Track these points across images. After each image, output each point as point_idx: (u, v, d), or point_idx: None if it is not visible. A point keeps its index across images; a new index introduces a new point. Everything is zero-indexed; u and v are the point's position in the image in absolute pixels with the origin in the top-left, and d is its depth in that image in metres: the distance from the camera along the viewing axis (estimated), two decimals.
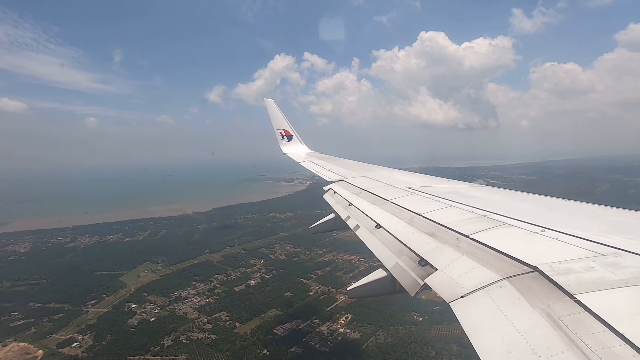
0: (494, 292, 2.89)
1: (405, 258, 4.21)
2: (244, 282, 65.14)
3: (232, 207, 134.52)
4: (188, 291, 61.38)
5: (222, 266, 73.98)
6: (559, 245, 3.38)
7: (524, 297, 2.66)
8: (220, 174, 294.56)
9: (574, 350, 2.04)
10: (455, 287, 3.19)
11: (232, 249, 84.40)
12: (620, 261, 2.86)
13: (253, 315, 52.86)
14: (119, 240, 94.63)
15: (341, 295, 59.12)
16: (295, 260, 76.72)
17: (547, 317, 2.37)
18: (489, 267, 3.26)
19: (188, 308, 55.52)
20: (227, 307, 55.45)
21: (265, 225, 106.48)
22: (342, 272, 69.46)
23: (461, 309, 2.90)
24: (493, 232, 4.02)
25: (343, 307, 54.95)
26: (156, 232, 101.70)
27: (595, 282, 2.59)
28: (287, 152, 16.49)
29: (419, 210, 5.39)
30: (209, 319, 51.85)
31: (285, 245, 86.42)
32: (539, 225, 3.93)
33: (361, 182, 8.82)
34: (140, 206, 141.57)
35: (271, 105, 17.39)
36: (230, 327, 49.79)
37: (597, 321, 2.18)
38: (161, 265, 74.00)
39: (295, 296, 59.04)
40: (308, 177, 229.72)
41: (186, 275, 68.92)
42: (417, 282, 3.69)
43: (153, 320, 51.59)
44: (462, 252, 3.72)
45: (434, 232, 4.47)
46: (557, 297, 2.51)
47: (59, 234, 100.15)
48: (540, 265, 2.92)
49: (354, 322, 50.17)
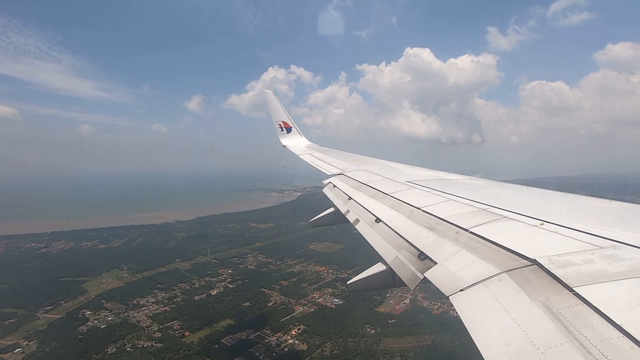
0: (493, 285, 2.86)
1: (404, 252, 4.18)
2: (206, 291, 64.62)
3: (216, 217, 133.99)
4: (147, 299, 60.61)
5: (188, 275, 73.34)
6: (558, 239, 3.37)
7: (523, 290, 2.64)
8: (213, 183, 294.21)
9: (573, 342, 2.03)
10: (454, 280, 3.17)
11: (203, 258, 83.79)
12: (618, 254, 2.84)
13: (205, 324, 52.36)
14: (93, 247, 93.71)
15: (300, 306, 58.95)
16: (264, 271, 76.54)
17: (546, 309, 2.36)
18: (488, 260, 3.24)
19: (143, 316, 54.72)
20: (181, 316, 54.84)
21: (244, 235, 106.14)
22: (307, 283, 69.46)
23: (460, 302, 2.87)
24: (492, 225, 4.01)
25: (299, 318, 54.73)
26: (133, 240, 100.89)
27: (594, 274, 2.58)
28: (286, 144, 15.91)
29: (419, 204, 5.38)
30: (160, 328, 51.18)
31: (258, 255, 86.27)
32: (538, 219, 3.92)
33: (361, 176, 8.73)
34: (125, 213, 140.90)
35: (270, 96, 16.96)
36: (179, 336, 49.24)
37: (595, 313, 2.18)
38: (127, 272, 73.14)
39: (253, 306, 58.75)
40: (299, 189, 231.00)
41: (150, 283, 68.16)
42: (417, 276, 3.66)
43: (103, 327, 50.74)
44: (462, 245, 3.71)
45: (433, 225, 4.44)
46: (556, 290, 2.51)
47: (35, 239, 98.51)
48: (539, 259, 2.91)
49: (305, 334, 49.93)
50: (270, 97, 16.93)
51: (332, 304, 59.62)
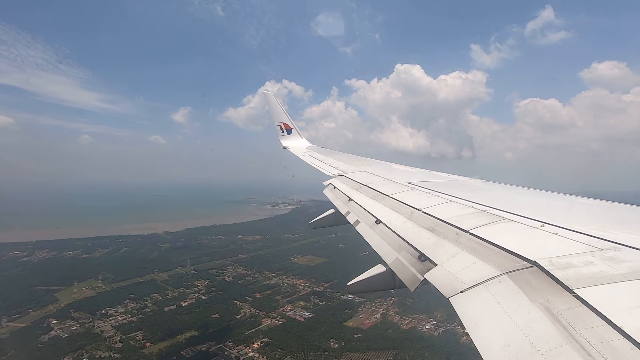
0: (494, 287, 2.84)
1: (405, 253, 4.14)
2: (177, 302, 63.69)
3: (205, 228, 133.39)
4: (117, 309, 59.62)
5: (164, 285, 72.42)
6: (558, 240, 3.35)
7: (523, 292, 2.63)
8: (210, 195, 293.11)
9: (573, 344, 2.02)
10: (454, 282, 3.14)
11: (182, 269, 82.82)
12: (619, 256, 2.84)
13: (168, 335, 51.50)
14: (75, 256, 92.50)
15: (268, 319, 58.26)
16: (240, 283, 75.93)
17: (546, 311, 2.34)
18: (488, 262, 3.22)
19: (108, 326, 53.69)
20: (147, 327, 53.88)
21: (229, 247, 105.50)
22: (281, 295, 68.87)
23: (460, 303, 2.84)
24: (492, 227, 3.99)
25: (265, 331, 53.99)
26: (116, 250, 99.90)
27: (594, 276, 2.57)
28: (287, 145, 15.73)
29: (419, 205, 5.34)
30: (123, 338, 50.31)
31: (238, 268, 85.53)
32: (538, 220, 3.90)
33: (361, 177, 8.67)
34: (117, 224, 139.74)
35: (270, 98, 16.73)
36: (139, 347, 48.39)
37: (595, 315, 2.16)
38: (102, 282, 72.20)
39: (221, 318, 58.01)
40: (294, 202, 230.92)
41: (123, 293, 67.27)
42: (417, 277, 3.62)
43: (65, 337, 49.64)
44: (462, 247, 3.68)
45: (433, 227, 4.41)
46: (556, 292, 2.50)
47: (19, 247, 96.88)
48: (539, 260, 2.90)
49: (267, 347, 49.29)
50: (271, 98, 16.73)
51: (301, 317, 58.88)
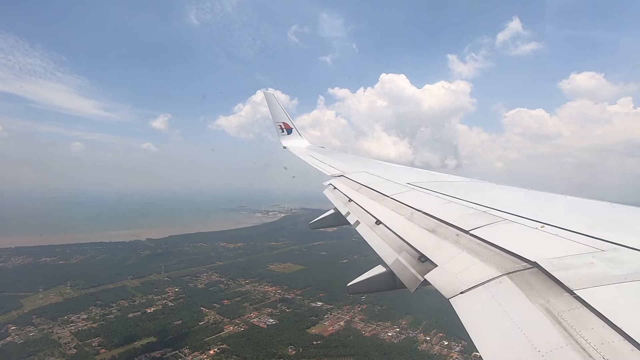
0: (494, 288, 2.83)
1: (405, 254, 4.10)
2: (143, 308, 62.79)
3: (189, 236, 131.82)
4: (80, 315, 58.59)
5: (134, 292, 71.25)
6: (559, 241, 3.33)
7: (524, 293, 2.61)
8: (202, 202, 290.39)
9: (573, 345, 2.01)
10: (455, 283, 3.11)
11: (156, 276, 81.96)
12: (619, 257, 2.85)
13: (126, 342, 50.78)
14: (52, 263, 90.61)
15: (231, 325, 57.79)
16: (211, 290, 75.37)
17: (547, 312, 2.33)
18: (488, 263, 3.20)
19: (67, 332, 52.65)
20: (106, 333, 52.91)
21: (208, 254, 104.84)
22: (249, 302, 68.46)
23: (461, 304, 2.82)
24: (493, 228, 3.98)
25: (224, 338, 53.60)
26: (95, 256, 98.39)
27: (595, 277, 2.56)
28: (287, 145, 15.61)
29: (419, 206, 5.30)
30: (79, 344, 49.66)
31: (212, 275, 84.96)
32: (538, 221, 3.88)
33: (361, 178, 8.58)
34: (101, 230, 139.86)
35: (270, 97, 16.74)
36: (93, 354, 47.65)
37: (596, 316, 2.16)
38: (71, 288, 71.11)
39: (183, 325, 57.43)
40: (285, 210, 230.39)
41: (90, 299, 66.23)
42: (417, 278, 3.58)
43: (21, 342, 48.53)
44: (462, 248, 3.66)
45: (433, 228, 4.38)
46: (557, 293, 2.49)
47: None
48: (539, 261, 2.88)
49: (223, 354, 48.76)
50: (271, 98, 16.75)
51: (264, 324, 58.40)
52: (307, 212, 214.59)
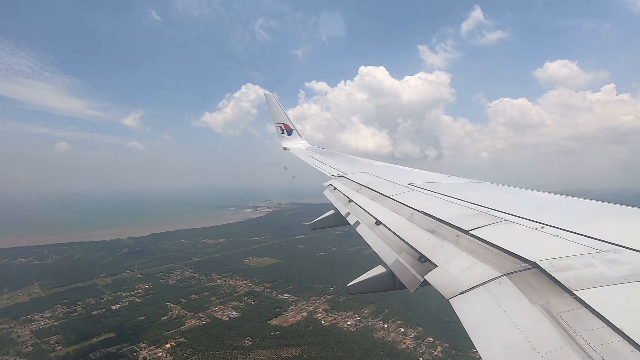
0: (494, 288, 2.82)
1: (405, 254, 4.09)
2: (108, 306, 62.61)
3: (171, 233, 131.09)
4: (43, 314, 57.94)
5: (103, 290, 70.66)
6: (559, 242, 3.35)
7: (523, 294, 2.61)
8: (191, 200, 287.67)
9: (573, 346, 2.00)
10: (454, 283, 3.10)
11: (130, 273, 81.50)
12: (619, 257, 2.86)
13: (83, 338, 50.84)
14: (27, 263, 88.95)
15: (193, 319, 58.11)
16: (182, 286, 75.46)
17: (546, 313, 2.33)
18: (488, 263, 3.20)
19: (27, 331, 52.12)
20: (65, 331, 52.50)
21: (187, 251, 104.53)
22: (217, 297, 68.71)
23: (461, 305, 2.81)
24: (493, 228, 3.98)
25: (184, 332, 54.05)
26: (71, 256, 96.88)
27: (595, 278, 2.57)
28: (287, 146, 15.64)
29: (419, 206, 5.29)
30: (36, 342, 49.48)
31: (186, 271, 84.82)
32: (538, 222, 3.89)
33: (361, 178, 8.62)
34: (84, 230, 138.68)
35: (271, 99, 16.83)
36: (49, 351, 47.65)
37: (595, 317, 2.15)
38: (40, 288, 70.06)
39: (145, 320, 57.50)
40: (273, 205, 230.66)
41: (57, 298, 65.45)
42: (417, 279, 3.56)
43: None
44: (462, 248, 3.66)
45: (433, 228, 4.38)
46: (556, 293, 2.49)
47: None
48: (539, 262, 2.89)
49: (179, 347, 49.09)
50: (271, 99, 16.85)
51: (227, 317, 58.76)
52: (295, 207, 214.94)
